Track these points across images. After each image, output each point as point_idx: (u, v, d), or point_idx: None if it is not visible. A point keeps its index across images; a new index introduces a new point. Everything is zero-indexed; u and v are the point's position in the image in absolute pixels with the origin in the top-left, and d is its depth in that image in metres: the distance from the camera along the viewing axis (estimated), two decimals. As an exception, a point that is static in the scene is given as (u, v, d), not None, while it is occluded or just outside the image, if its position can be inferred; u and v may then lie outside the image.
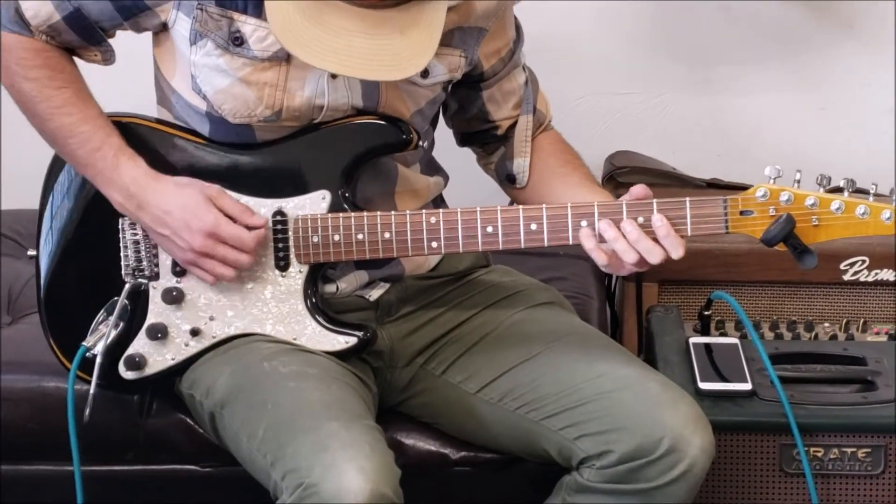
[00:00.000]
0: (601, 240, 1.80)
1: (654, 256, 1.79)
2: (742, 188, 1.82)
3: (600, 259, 1.80)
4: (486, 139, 2.06)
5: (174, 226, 1.86)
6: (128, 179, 1.87)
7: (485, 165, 2.10)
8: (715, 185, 2.57)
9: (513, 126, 2.04)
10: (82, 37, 1.90)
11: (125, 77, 2.06)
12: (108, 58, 1.95)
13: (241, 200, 1.90)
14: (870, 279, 2.39)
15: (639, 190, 1.82)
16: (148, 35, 1.94)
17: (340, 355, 1.91)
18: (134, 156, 1.89)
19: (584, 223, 1.81)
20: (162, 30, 1.90)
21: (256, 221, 1.87)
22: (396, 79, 1.79)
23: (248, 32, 1.84)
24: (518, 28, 2.02)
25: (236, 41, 1.85)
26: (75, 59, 1.94)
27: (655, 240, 1.79)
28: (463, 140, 2.09)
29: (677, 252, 1.79)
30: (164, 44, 1.92)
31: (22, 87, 1.89)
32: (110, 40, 1.94)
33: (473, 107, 2.03)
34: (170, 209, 1.86)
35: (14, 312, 2.26)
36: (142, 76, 2.02)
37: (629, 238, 1.79)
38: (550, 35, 2.64)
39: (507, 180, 2.05)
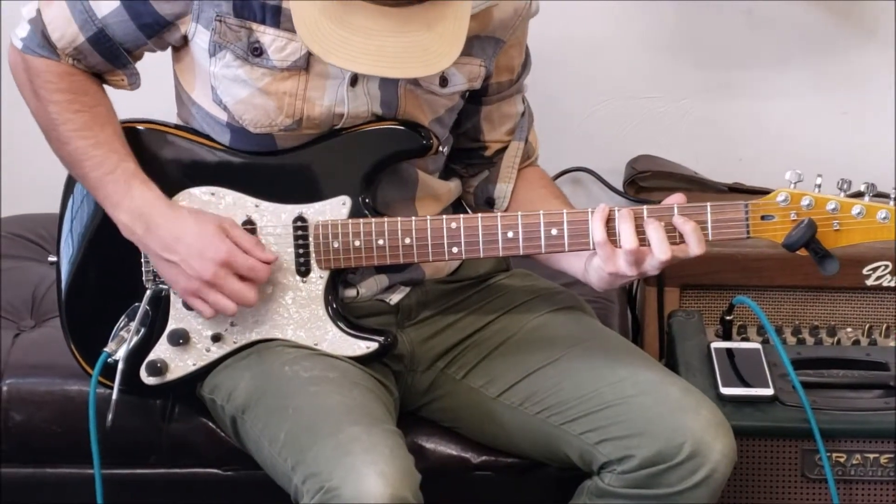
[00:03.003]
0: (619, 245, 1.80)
1: (663, 250, 1.77)
2: (764, 193, 1.82)
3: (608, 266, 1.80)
4: (471, 158, 2.06)
5: (184, 253, 1.85)
6: (139, 202, 1.87)
7: (463, 191, 2.08)
8: (737, 190, 2.56)
9: (500, 151, 2.04)
10: (107, 59, 1.91)
11: (146, 93, 2.05)
12: (133, 82, 1.95)
13: (261, 206, 1.91)
14: (893, 284, 2.37)
15: (677, 197, 1.81)
16: (167, 52, 1.95)
17: (361, 360, 1.91)
18: (147, 181, 1.88)
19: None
20: (182, 44, 1.91)
21: (268, 256, 1.87)
22: (429, 74, 1.79)
23: (266, 42, 1.85)
24: (527, 55, 2.03)
25: (255, 51, 1.85)
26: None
27: (674, 242, 1.78)
28: (448, 157, 2.07)
29: (701, 246, 1.78)
30: (183, 58, 1.93)
31: (46, 110, 1.90)
32: (136, 64, 1.94)
33: (468, 121, 2.03)
34: (181, 235, 1.85)
35: (38, 316, 2.27)
36: (163, 92, 2.02)
37: (652, 240, 1.78)
38: (572, 39, 2.64)
39: (486, 204, 2.05)
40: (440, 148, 1.95)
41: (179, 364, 1.95)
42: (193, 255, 1.84)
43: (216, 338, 1.93)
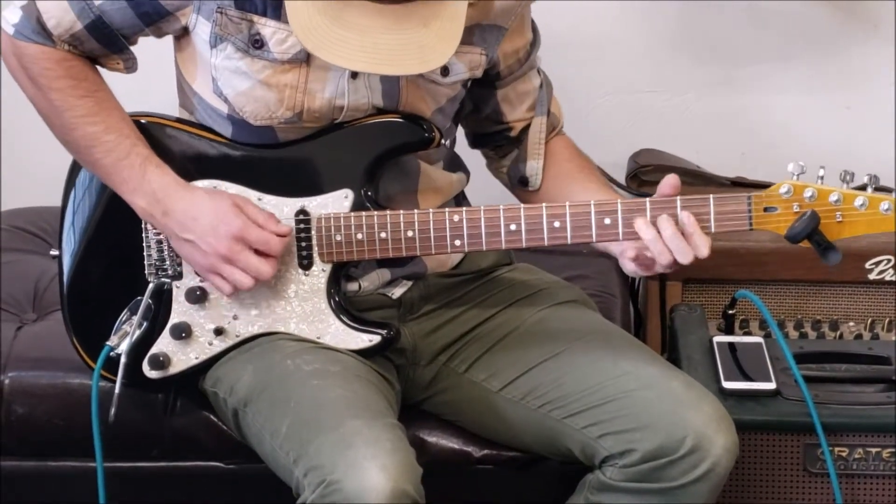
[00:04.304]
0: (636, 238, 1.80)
1: (685, 256, 1.78)
2: (767, 186, 1.81)
3: (629, 266, 1.81)
4: (498, 141, 2.06)
5: (200, 231, 1.85)
6: (155, 186, 1.87)
7: (495, 170, 2.09)
8: (739, 184, 2.56)
9: (526, 129, 2.04)
10: (104, 45, 1.90)
11: (147, 81, 2.05)
12: (130, 66, 1.95)
13: (263, 199, 1.90)
14: (895, 278, 2.37)
15: (670, 180, 1.81)
16: (169, 39, 1.94)
17: (364, 354, 1.91)
18: (161, 164, 1.89)
19: (607, 220, 1.81)
20: (183, 34, 1.91)
21: (282, 229, 1.87)
22: (424, 71, 1.79)
23: (267, 35, 1.85)
24: (535, 30, 2.02)
25: (256, 44, 1.85)
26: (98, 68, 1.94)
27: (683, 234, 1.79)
28: (475, 141, 2.09)
29: (702, 251, 1.79)
30: (185, 48, 1.93)
31: (48, 97, 1.89)
32: (132, 47, 1.93)
33: (487, 106, 2.03)
34: (197, 215, 1.86)
35: (39, 309, 2.27)
36: (164, 80, 2.02)
37: (664, 235, 1.78)
38: (575, 34, 2.64)
39: (520, 183, 2.05)
40: (443, 140, 1.95)
41: (182, 357, 1.95)
42: (208, 232, 1.85)
43: (218, 331, 1.93)
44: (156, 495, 2.10)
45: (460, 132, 2.08)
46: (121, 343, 1.92)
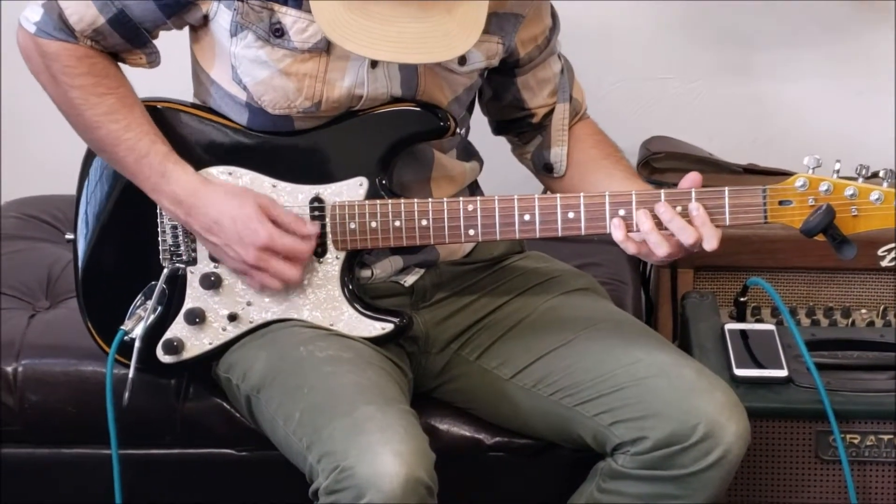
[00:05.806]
0: (636, 229, 1.80)
1: (688, 237, 1.78)
2: (779, 173, 1.81)
3: (630, 249, 1.81)
4: (521, 127, 2.06)
5: (224, 237, 1.86)
6: (175, 186, 1.87)
7: (520, 155, 2.09)
8: (751, 171, 2.55)
9: (548, 114, 2.03)
10: (127, 39, 1.90)
11: (159, 70, 2.04)
12: (153, 59, 1.94)
13: (278, 186, 1.90)
14: (907, 266, 2.38)
15: (692, 177, 1.81)
16: (184, 29, 1.94)
17: (376, 341, 1.92)
18: (180, 161, 1.88)
19: (621, 212, 1.81)
20: (202, 23, 1.90)
21: (309, 230, 1.87)
22: (450, 58, 1.79)
23: (288, 24, 1.84)
24: (554, 16, 2.02)
25: (277, 33, 1.85)
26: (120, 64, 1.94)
27: (691, 224, 1.78)
28: (498, 128, 2.09)
29: (710, 243, 1.78)
30: (203, 37, 1.92)
31: (68, 95, 1.89)
32: (154, 41, 1.93)
33: (508, 94, 2.03)
34: (219, 219, 1.86)
35: (52, 297, 2.27)
36: (177, 70, 2.01)
37: (662, 218, 1.78)
38: (585, 20, 2.63)
39: (545, 170, 2.05)
40: (458, 130, 1.95)
41: (195, 343, 1.95)
42: (234, 241, 1.85)
43: (232, 317, 1.94)
44: (168, 482, 2.11)
45: (475, 120, 2.08)
46: (135, 327, 1.92)
